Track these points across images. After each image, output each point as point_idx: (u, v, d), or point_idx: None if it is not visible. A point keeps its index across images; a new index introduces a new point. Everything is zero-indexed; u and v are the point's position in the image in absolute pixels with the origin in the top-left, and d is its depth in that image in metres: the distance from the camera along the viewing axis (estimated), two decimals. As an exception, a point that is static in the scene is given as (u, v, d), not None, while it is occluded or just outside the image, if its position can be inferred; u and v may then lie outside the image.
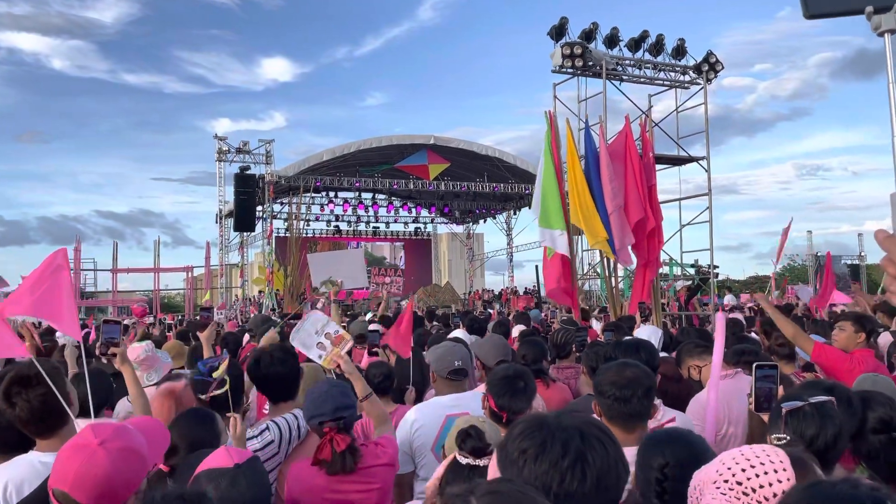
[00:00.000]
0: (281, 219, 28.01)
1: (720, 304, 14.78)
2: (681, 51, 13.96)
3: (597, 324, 8.51)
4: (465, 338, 5.70)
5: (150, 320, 13.19)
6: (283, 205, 28.34)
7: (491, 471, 1.40)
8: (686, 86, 14.24)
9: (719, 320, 3.28)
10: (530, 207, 10.61)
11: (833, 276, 11.52)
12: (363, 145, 25.66)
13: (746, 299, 19.26)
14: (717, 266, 13.98)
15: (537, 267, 16.40)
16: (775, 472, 1.36)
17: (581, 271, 13.32)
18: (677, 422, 2.78)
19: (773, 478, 1.35)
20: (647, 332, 5.39)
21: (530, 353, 4.10)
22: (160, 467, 2.20)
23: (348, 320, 8.50)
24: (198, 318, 10.11)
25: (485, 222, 36.36)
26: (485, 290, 32.75)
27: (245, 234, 26.02)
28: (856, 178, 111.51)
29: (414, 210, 33.41)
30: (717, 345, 3.13)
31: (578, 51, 12.40)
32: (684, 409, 3.32)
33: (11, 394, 2.26)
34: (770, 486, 1.34)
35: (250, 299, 25.76)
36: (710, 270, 13.79)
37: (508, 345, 4.19)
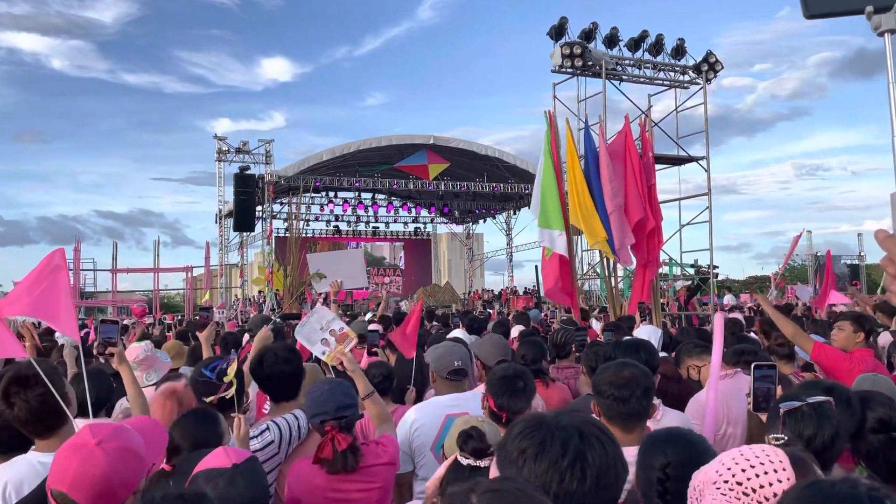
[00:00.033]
0: (280, 219, 28.04)
1: (720, 304, 14.79)
2: (680, 51, 13.96)
3: (596, 324, 8.51)
4: (465, 338, 5.71)
5: (149, 320, 13.18)
6: (282, 205, 28.34)
7: (492, 472, 1.40)
8: (685, 86, 14.24)
9: (718, 320, 3.28)
10: (529, 207, 10.61)
11: (833, 274, 11.51)
12: (363, 145, 25.67)
13: (746, 299, 19.29)
14: (716, 266, 13.99)
15: (537, 267, 16.42)
16: (775, 472, 1.36)
17: (581, 271, 13.32)
18: (676, 421, 2.77)
19: (774, 478, 1.35)
20: (647, 331, 5.39)
21: (530, 352, 4.10)
22: (163, 467, 2.20)
23: (348, 320, 8.49)
24: (197, 318, 10.11)
25: (484, 222, 36.42)
26: (484, 290, 32.77)
27: (245, 234, 26.03)
28: (855, 177, 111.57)
29: (414, 210, 33.42)
30: (717, 345, 3.13)
31: (578, 51, 12.41)
32: (684, 409, 3.32)
33: (10, 394, 2.26)
34: (770, 486, 1.34)
35: (250, 299, 25.76)
36: (710, 270, 13.79)
37: (508, 344, 4.19)
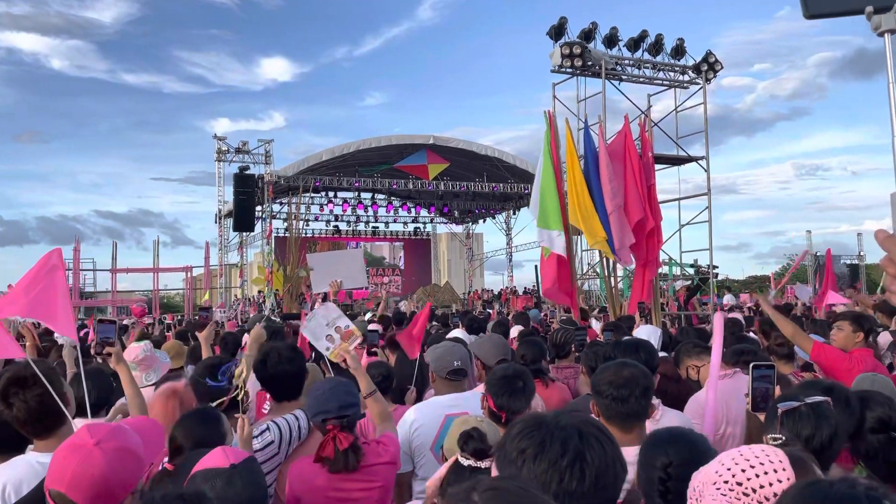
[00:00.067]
0: (280, 219, 28.01)
1: (719, 303, 14.79)
2: (680, 50, 13.95)
3: (596, 323, 8.51)
4: (465, 338, 5.71)
5: (149, 320, 13.16)
6: (282, 205, 28.32)
7: (493, 473, 1.40)
8: (685, 85, 14.23)
9: (718, 320, 3.28)
10: (529, 207, 10.59)
11: (833, 274, 11.51)
12: (362, 145, 25.66)
13: (746, 299, 19.28)
14: (716, 266, 13.98)
15: (536, 267, 16.37)
16: (775, 472, 1.36)
17: (580, 271, 13.32)
18: (676, 421, 2.77)
19: (774, 478, 1.35)
20: (647, 331, 5.39)
21: (529, 352, 4.09)
22: (165, 466, 2.20)
23: (347, 320, 8.47)
24: (196, 319, 10.10)
25: (484, 222, 36.42)
26: (484, 289, 32.76)
27: (244, 234, 26.02)
28: (855, 177, 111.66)
29: (413, 210, 33.42)
30: (716, 345, 3.13)
31: (578, 51, 12.40)
32: (683, 409, 3.32)
33: (9, 394, 2.26)
34: (770, 486, 1.34)
35: (250, 299, 25.75)
36: (710, 270, 13.78)
37: (508, 344, 4.19)
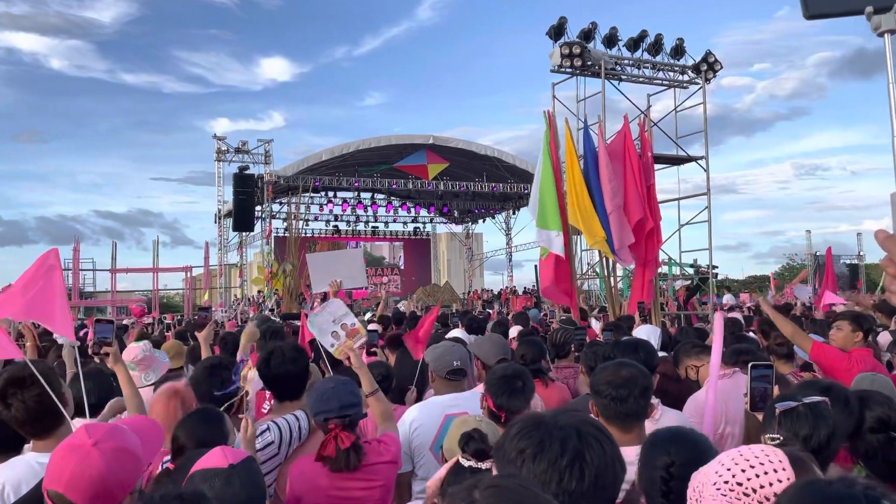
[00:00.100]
0: (280, 219, 28.01)
1: (719, 303, 14.79)
2: (679, 50, 13.94)
3: (596, 323, 8.51)
4: (465, 338, 5.71)
5: (148, 319, 13.15)
6: (282, 205, 28.33)
7: (494, 474, 1.40)
8: (685, 85, 14.23)
9: (718, 320, 3.28)
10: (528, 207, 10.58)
11: (833, 272, 11.53)
12: (362, 145, 25.67)
13: (745, 299, 19.29)
14: (716, 266, 13.97)
15: (536, 267, 16.36)
16: (775, 472, 1.36)
17: (580, 271, 13.31)
18: (675, 421, 2.77)
19: (774, 478, 1.35)
20: (646, 331, 5.39)
21: (529, 352, 4.09)
22: (168, 466, 2.20)
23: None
24: (195, 318, 10.10)
25: (484, 222, 36.44)
26: (484, 289, 32.76)
27: (244, 233, 26.02)
28: (854, 177, 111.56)
29: (413, 210, 33.43)
30: (716, 345, 3.13)
31: (577, 50, 12.39)
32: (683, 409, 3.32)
33: (7, 395, 2.26)
34: (770, 486, 1.34)
35: (249, 299, 25.75)
36: (709, 270, 13.78)
37: (508, 344, 4.19)
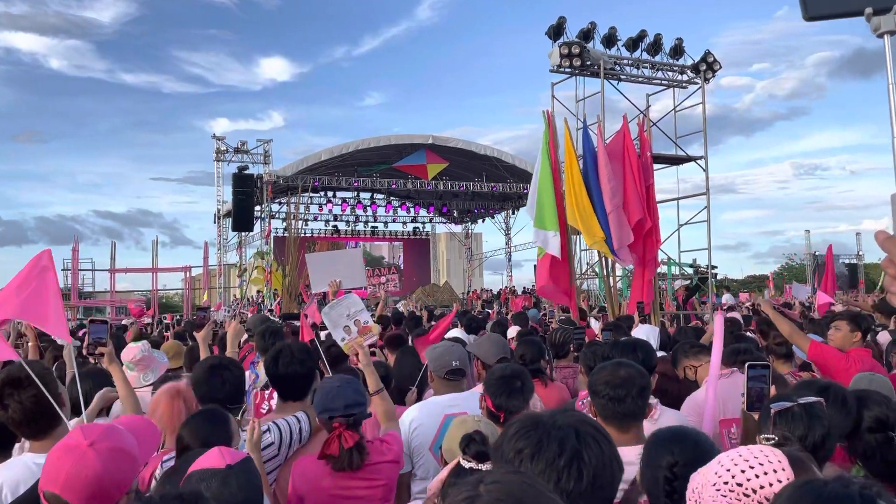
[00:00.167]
0: (279, 218, 27.97)
1: (718, 303, 14.80)
2: (679, 50, 13.94)
3: (595, 323, 8.50)
4: (464, 337, 5.71)
5: (147, 320, 13.15)
6: (281, 205, 28.31)
7: None
8: (684, 85, 14.22)
9: (718, 321, 3.27)
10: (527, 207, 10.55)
11: (833, 271, 11.55)
12: (361, 145, 25.65)
13: (745, 299, 19.30)
14: (715, 266, 13.97)
15: (535, 267, 16.38)
16: (775, 472, 1.36)
17: (579, 271, 13.31)
18: (674, 421, 2.77)
19: (774, 478, 1.35)
20: (645, 331, 5.40)
21: (528, 352, 4.10)
22: (173, 466, 2.19)
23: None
24: (194, 319, 10.09)
25: (483, 222, 36.41)
26: (483, 289, 32.75)
27: (243, 233, 26.00)
28: (853, 177, 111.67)
29: (412, 210, 33.42)
30: (716, 344, 3.13)
31: (576, 50, 12.39)
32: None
33: (4, 395, 2.26)
34: (770, 486, 1.34)
35: (249, 299, 25.73)
36: (709, 270, 13.78)
37: (507, 343, 4.19)
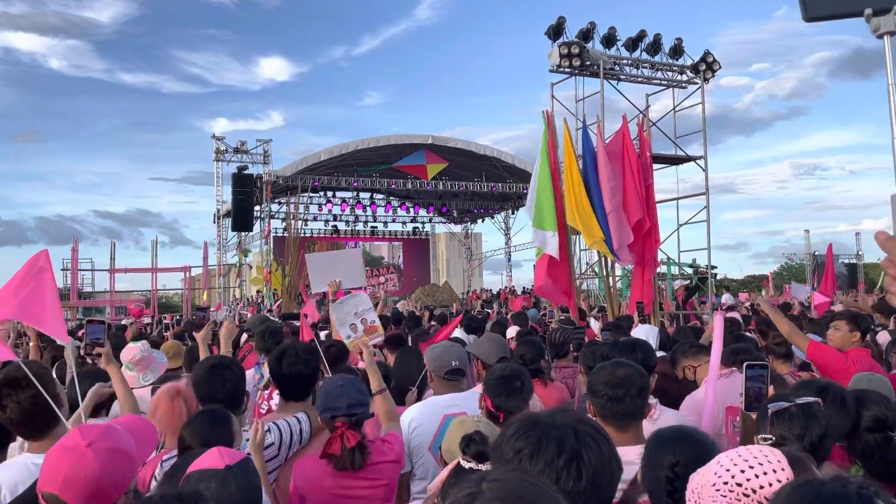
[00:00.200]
0: (279, 218, 27.96)
1: (717, 303, 14.80)
2: (678, 50, 13.94)
3: (594, 323, 8.51)
4: (463, 337, 5.71)
5: (147, 320, 13.16)
6: (280, 205, 28.30)
7: None
8: (683, 85, 14.22)
9: (718, 321, 3.27)
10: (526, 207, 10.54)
11: (833, 271, 11.55)
12: (361, 145, 25.64)
13: (745, 298, 19.30)
14: (714, 266, 13.98)
15: (535, 266, 16.38)
16: (774, 472, 1.36)
17: (579, 271, 13.31)
18: (674, 421, 2.77)
19: (773, 478, 1.35)
20: (644, 331, 5.40)
21: (528, 352, 4.10)
22: (172, 466, 2.19)
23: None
24: (194, 319, 10.09)
25: (483, 222, 36.42)
26: (483, 289, 32.74)
27: (243, 233, 25.99)
28: (853, 177, 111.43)
29: (412, 210, 33.43)
30: (716, 344, 3.13)
31: (576, 50, 12.39)
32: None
33: (2, 396, 2.26)
34: (770, 486, 1.34)
35: (248, 299, 25.74)
36: (708, 270, 13.78)
37: (507, 343, 4.19)
